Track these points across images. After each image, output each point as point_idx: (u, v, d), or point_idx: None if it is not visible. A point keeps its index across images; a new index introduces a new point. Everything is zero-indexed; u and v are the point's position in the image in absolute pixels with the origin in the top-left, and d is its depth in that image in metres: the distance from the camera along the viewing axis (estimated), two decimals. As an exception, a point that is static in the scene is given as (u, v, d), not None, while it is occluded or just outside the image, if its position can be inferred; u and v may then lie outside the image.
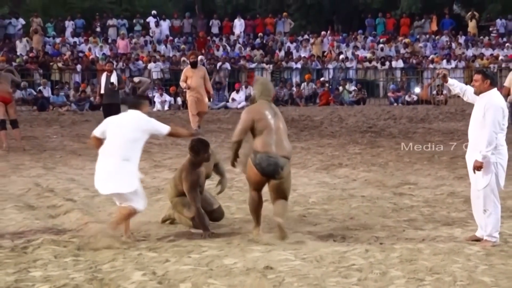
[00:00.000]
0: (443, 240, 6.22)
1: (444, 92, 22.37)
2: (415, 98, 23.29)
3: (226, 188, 7.30)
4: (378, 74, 25.63)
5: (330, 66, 25.22)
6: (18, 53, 24.42)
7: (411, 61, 25.94)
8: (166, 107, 21.43)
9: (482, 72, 6.30)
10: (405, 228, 6.78)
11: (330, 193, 8.59)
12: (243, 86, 22.80)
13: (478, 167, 5.98)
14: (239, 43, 26.96)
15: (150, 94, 21.89)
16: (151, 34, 27.36)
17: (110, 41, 26.18)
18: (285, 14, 29.64)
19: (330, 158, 11.66)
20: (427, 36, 28.68)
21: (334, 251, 5.74)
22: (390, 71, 25.64)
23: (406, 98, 23.31)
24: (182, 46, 26.12)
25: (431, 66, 24.94)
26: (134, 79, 21.12)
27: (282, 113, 6.60)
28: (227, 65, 24.29)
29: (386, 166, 10.77)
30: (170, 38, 26.81)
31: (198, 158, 6.57)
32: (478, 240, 6.14)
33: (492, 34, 29.12)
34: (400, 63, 25.63)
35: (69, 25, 27.30)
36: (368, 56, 25.89)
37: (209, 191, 7.03)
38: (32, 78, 22.96)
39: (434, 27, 29.65)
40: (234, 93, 22.65)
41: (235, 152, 6.36)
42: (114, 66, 18.77)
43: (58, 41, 25.77)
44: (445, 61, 25.53)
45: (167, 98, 21.84)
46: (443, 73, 6.51)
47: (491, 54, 26.60)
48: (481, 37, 29.02)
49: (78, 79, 23.04)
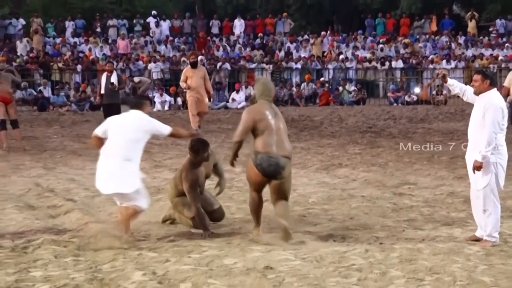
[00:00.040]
0: (443, 240, 6.22)
1: (443, 92, 22.37)
2: (415, 98, 23.30)
3: (226, 188, 7.32)
4: (378, 74, 25.63)
5: (330, 66, 25.22)
6: (19, 53, 24.42)
7: (411, 61, 25.94)
8: (166, 107, 21.44)
9: (482, 72, 6.31)
10: (404, 228, 6.78)
11: (330, 193, 8.59)
12: (243, 86, 22.82)
13: (477, 167, 5.98)
14: (239, 43, 26.95)
15: (150, 94, 21.89)
16: (151, 34, 27.35)
17: (110, 41, 26.18)
18: (285, 14, 29.64)
19: (330, 158, 11.67)
20: (427, 36, 28.68)
21: (334, 251, 5.75)
22: (390, 71, 25.64)
23: (406, 98, 23.31)
24: (182, 46, 26.13)
25: (431, 66, 24.94)
26: (134, 79, 21.14)
27: (282, 113, 6.60)
28: (227, 65, 24.30)
29: (386, 166, 10.78)
30: (170, 38, 26.81)
31: (197, 158, 6.58)
32: (478, 240, 6.15)
33: (491, 35, 29.11)
34: (400, 63, 25.63)
35: (69, 25, 27.30)
36: (368, 56, 25.89)
37: (209, 191, 7.04)
38: (32, 78, 22.97)
39: (434, 27, 29.64)
40: (234, 93, 22.66)
41: (236, 152, 6.38)
42: (114, 66, 18.78)
43: (59, 41, 25.76)
44: (444, 61, 25.53)
45: (167, 98, 21.85)
46: (443, 73, 6.52)
47: (491, 54, 26.59)
48: (480, 37, 29.01)
49: (78, 79, 23.06)
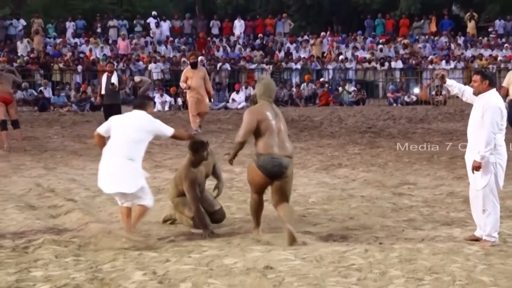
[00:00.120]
0: (442, 240, 6.24)
1: (443, 92, 22.37)
2: (414, 98, 23.31)
3: (226, 188, 7.34)
4: (378, 74, 25.62)
5: (329, 67, 25.23)
6: (19, 53, 24.40)
7: (410, 61, 25.93)
8: (166, 108, 21.44)
9: (481, 72, 6.33)
10: (404, 228, 6.80)
11: (330, 193, 8.61)
12: (243, 87, 22.83)
13: (476, 167, 6.00)
14: (239, 44, 26.96)
15: (151, 95, 21.89)
16: (152, 35, 27.35)
17: (110, 42, 26.18)
18: (285, 15, 29.63)
19: (330, 158, 11.69)
20: (426, 36, 28.67)
21: (334, 251, 5.75)
22: (389, 72, 25.64)
23: (405, 98, 23.31)
24: (183, 46, 26.13)
25: (430, 66, 24.94)
26: (135, 78, 21.10)
27: (282, 113, 6.61)
28: (227, 65, 24.31)
29: (385, 166, 10.79)
30: (171, 39, 26.81)
31: (197, 157, 6.60)
32: (477, 239, 6.16)
33: (491, 35, 29.10)
34: (399, 64, 25.62)
35: (70, 26, 27.28)
36: (367, 56, 25.89)
37: (209, 191, 7.06)
38: (33, 79, 22.97)
39: (433, 28, 29.63)
40: (234, 93, 22.67)
41: (237, 152, 6.38)
42: (115, 67, 18.78)
43: (59, 41, 25.76)
44: (444, 61, 25.53)
45: (168, 98, 21.85)
46: (441, 73, 6.54)
47: (490, 55, 26.58)
48: (480, 37, 29.00)
49: (79, 80, 23.07)
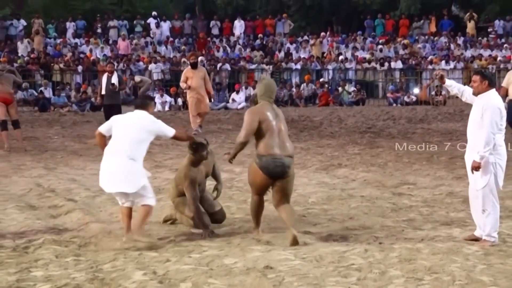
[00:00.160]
0: (442, 240, 6.24)
1: (443, 92, 22.38)
2: (414, 98, 23.33)
3: (226, 188, 7.34)
4: (377, 75, 25.64)
5: (329, 67, 25.24)
6: (20, 54, 24.42)
7: (410, 62, 25.95)
8: (166, 108, 21.45)
9: (481, 73, 6.34)
10: (404, 228, 6.81)
11: (330, 193, 8.62)
12: (243, 87, 22.85)
13: (476, 168, 6.01)
14: (239, 44, 26.97)
15: (151, 95, 21.88)
16: (152, 35, 27.36)
17: (111, 42, 26.20)
18: (284, 15, 29.64)
19: (330, 158, 11.70)
20: (426, 37, 28.70)
21: (334, 251, 5.76)
22: (389, 72, 25.65)
23: (405, 98, 23.32)
24: (183, 47, 26.14)
25: (430, 67, 24.95)
26: (135, 78, 21.00)
27: (282, 113, 6.61)
28: (227, 66, 24.33)
29: (385, 166, 10.80)
30: (171, 39, 26.82)
31: (197, 156, 6.60)
32: (476, 239, 6.17)
33: (490, 35, 29.11)
34: (399, 64, 25.64)
35: (70, 26, 27.29)
36: (367, 57, 25.91)
37: (209, 192, 7.06)
38: (33, 79, 22.98)
39: (433, 28, 29.64)
40: (234, 93, 22.68)
41: (238, 152, 6.36)
42: (115, 67, 18.78)
43: (59, 42, 25.78)
44: (443, 62, 25.55)
45: (168, 99, 21.86)
46: (440, 74, 6.55)
47: (490, 55, 26.60)
48: (479, 38, 29.02)
49: (79, 80, 23.08)
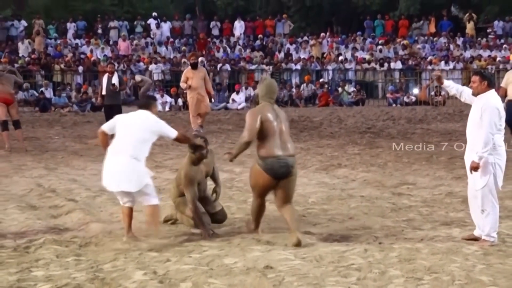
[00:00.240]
0: (442, 239, 6.26)
1: (442, 93, 22.38)
2: (414, 99, 23.34)
3: (226, 188, 7.34)
4: (377, 75, 25.65)
5: (329, 68, 25.26)
6: (20, 54, 24.41)
7: (410, 62, 25.96)
8: (167, 108, 21.45)
9: (480, 73, 6.35)
10: (403, 228, 6.82)
11: (330, 193, 8.63)
12: (243, 88, 22.86)
13: (474, 168, 6.03)
14: (239, 45, 26.98)
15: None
16: (152, 36, 27.36)
17: (111, 42, 26.21)
18: (284, 15, 29.64)
19: (330, 158, 11.71)
20: (426, 37, 28.71)
21: (334, 251, 5.78)
22: (388, 73, 25.66)
23: (405, 99, 23.33)
24: (183, 47, 26.15)
25: (430, 67, 24.94)
26: (136, 78, 21.03)
27: (282, 113, 6.61)
28: (227, 66, 24.34)
29: (385, 166, 10.82)
30: (171, 39, 26.83)
31: (196, 155, 6.62)
32: (476, 239, 6.19)
33: (489, 36, 29.13)
34: (398, 65, 25.65)
35: (70, 27, 27.29)
36: (367, 57, 25.92)
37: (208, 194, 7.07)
38: (34, 80, 22.98)
39: (432, 29, 29.65)
40: (234, 94, 22.70)
41: (241, 152, 6.31)
42: (116, 68, 18.78)
43: (60, 42, 25.78)
44: (443, 62, 25.56)
45: (168, 99, 21.88)
46: (437, 75, 6.56)
47: (489, 56, 26.61)
48: (478, 38, 29.04)
49: (79, 81, 23.10)
